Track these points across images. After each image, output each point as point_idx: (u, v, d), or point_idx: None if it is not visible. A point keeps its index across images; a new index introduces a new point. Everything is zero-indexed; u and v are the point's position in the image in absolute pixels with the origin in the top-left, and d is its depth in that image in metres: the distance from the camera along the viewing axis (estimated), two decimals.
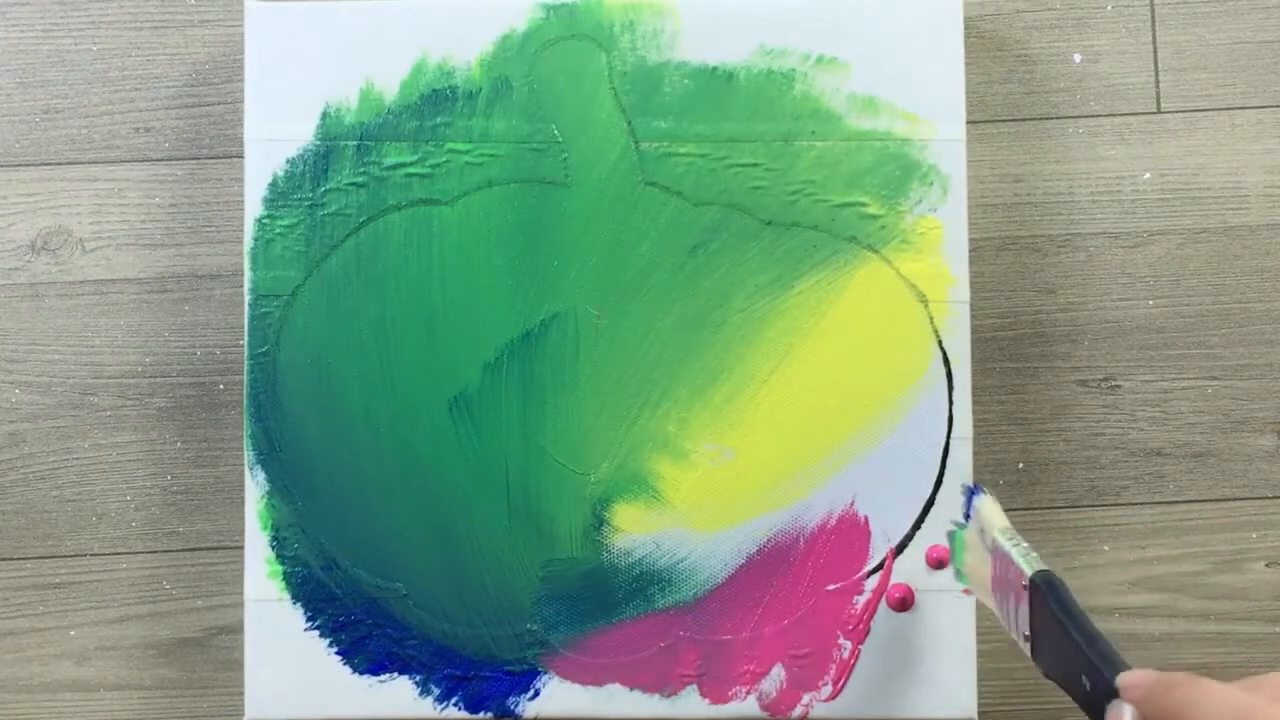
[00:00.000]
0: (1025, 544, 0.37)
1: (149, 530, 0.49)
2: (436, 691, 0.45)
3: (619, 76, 0.46)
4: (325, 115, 0.46)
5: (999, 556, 0.38)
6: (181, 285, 0.49)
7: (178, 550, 0.49)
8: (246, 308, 0.46)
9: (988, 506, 0.40)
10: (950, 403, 0.45)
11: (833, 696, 0.45)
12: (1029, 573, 0.36)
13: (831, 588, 0.45)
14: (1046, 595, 0.35)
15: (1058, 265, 0.49)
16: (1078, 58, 0.50)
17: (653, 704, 0.45)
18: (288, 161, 0.46)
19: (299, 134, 0.46)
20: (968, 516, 0.40)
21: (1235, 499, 0.49)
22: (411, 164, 0.46)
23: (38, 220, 0.50)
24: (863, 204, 0.46)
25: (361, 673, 0.45)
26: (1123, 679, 0.31)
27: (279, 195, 0.46)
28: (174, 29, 0.50)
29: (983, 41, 0.49)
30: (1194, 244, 0.49)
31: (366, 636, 0.45)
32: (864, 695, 0.45)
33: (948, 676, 0.45)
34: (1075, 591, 0.49)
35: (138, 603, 0.49)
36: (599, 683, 0.45)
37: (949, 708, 0.44)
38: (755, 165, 0.46)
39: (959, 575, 0.42)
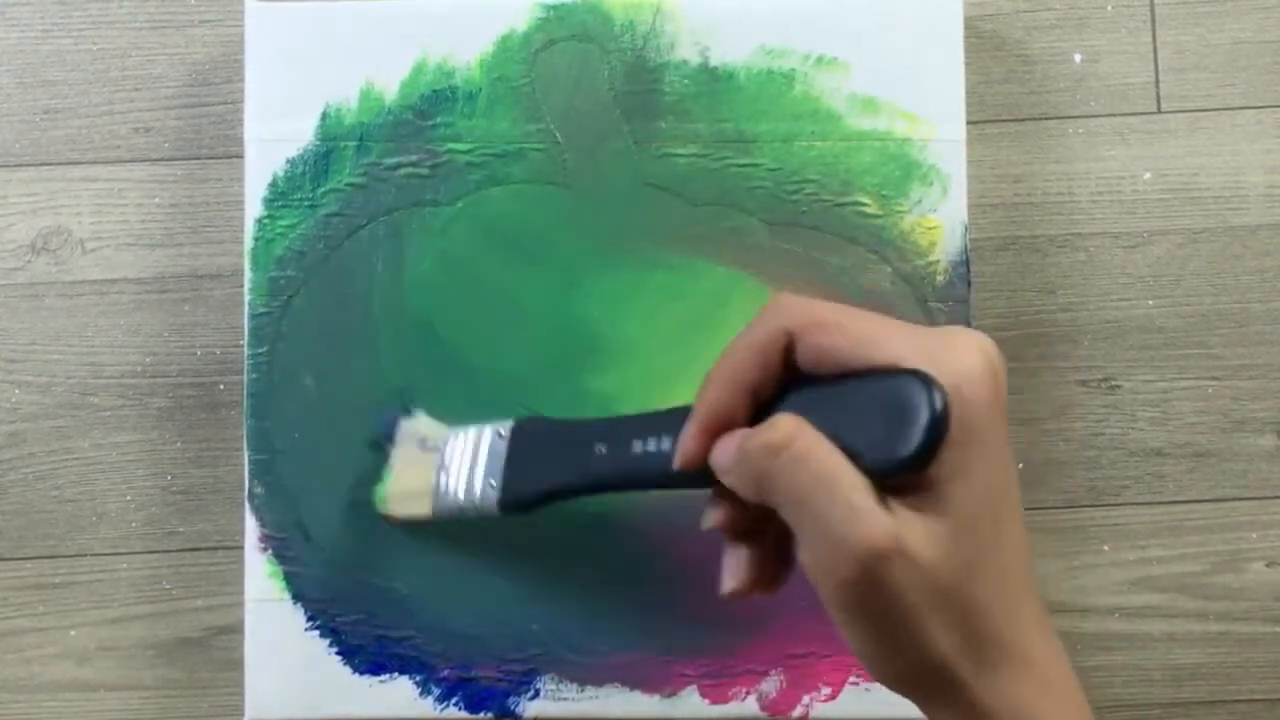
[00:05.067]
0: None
1: (149, 530, 0.49)
2: (436, 691, 0.45)
3: (619, 76, 0.46)
4: (325, 115, 0.46)
5: (454, 443, 0.42)
6: (181, 285, 0.49)
7: (178, 550, 0.49)
8: (246, 308, 0.46)
9: (420, 421, 0.44)
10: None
11: (833, 697, 0.45)
12: (510, 422, 0.41)
13: None
14: (531, 425, 0.41)
15: (1058, 265, 0.49)
16: (1078, 58, 0.50)
17: (653, 704, 0.45)
18: (288, 161, 0.46)
19: (299, 134, 0.46)
20: (390, 440, 0.44)
21: (1235, 499, 0.49)
22: (411, 164, 0.46)
23: (38, 220, 0.50)
24: (862, 204, 0.46)
25: (361, 673, 0.45)
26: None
27: (279, 195, 0.46)
28: (174, 29, 0.50)
29: (983, 41, 0.49)
30: (1194, 244, 0.49)
31: (366, 636, 0.45)
32: (864, 695, 0.45)
33: None
34: (1075, 591, 0.49)
35: (138, 603, 0.49)
36: (599, 683, 0.45)
37: None
38: (755, 165, 0.46)
39: (380, 504, 0.44)
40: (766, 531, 0.32)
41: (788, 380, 0.31)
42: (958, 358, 0.29)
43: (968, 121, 0.46)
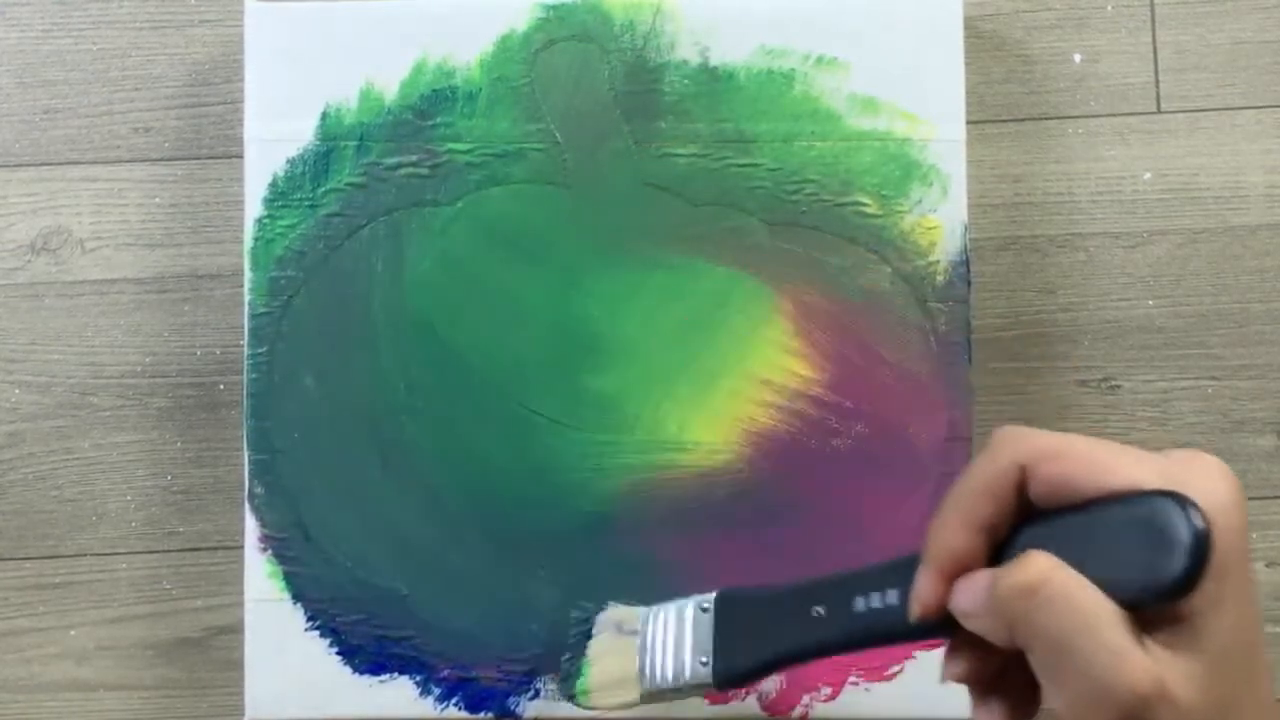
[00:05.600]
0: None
1: (149, 530, 0.49)
2: (436, 691, 0.45)
3: (619, 77, 0.46)
4: (325, 115, 0.46)
5: (655, 623, 0.39)
6: (181, 285, 0.49)
7: (178, 550, 0.49)
8: (246, 308, 0.46)
9: (616, 610, 0.41)
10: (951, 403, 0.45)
11: (833, 697, 0.45)
12: (712, 594, 0.38)
13: None
14: (735, 595, 0.38)
15: (1058, 265, 0.49)
16: (1078, 58, 0.50)
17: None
18: (288, 161, 0.46)
19: (299, 134, 0.46)
20: (589, 636, 0.41)
21: None
22: (411, 164, 0.46)
23: (38, 220, 0.50)
24: (862, 204, 0.46)
25: (361, 673, 0.45)
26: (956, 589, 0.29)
27: (279, 195, 0.46)
28: (174, 29, 0.50)
29: (983, 41, 0.49)
30: (1194, 244, 0.49)
31: (366, 636, 0.45)
32: (864, 695, 0.45)
33: None
34: None
35: (138, 603, 0.49)
36: None
37: (949, 707, 0.44)
38: (755, 165, 0.46)
39: (582, 696, 0.42)
40: (1009, 676, 0.30)
41: (1020, 518, 0.29)
42: (1206, 484, 0.27)
43: (968, 121, 0.46)
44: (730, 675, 0.37)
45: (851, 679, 0.45)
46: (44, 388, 0.49)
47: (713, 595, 0.39)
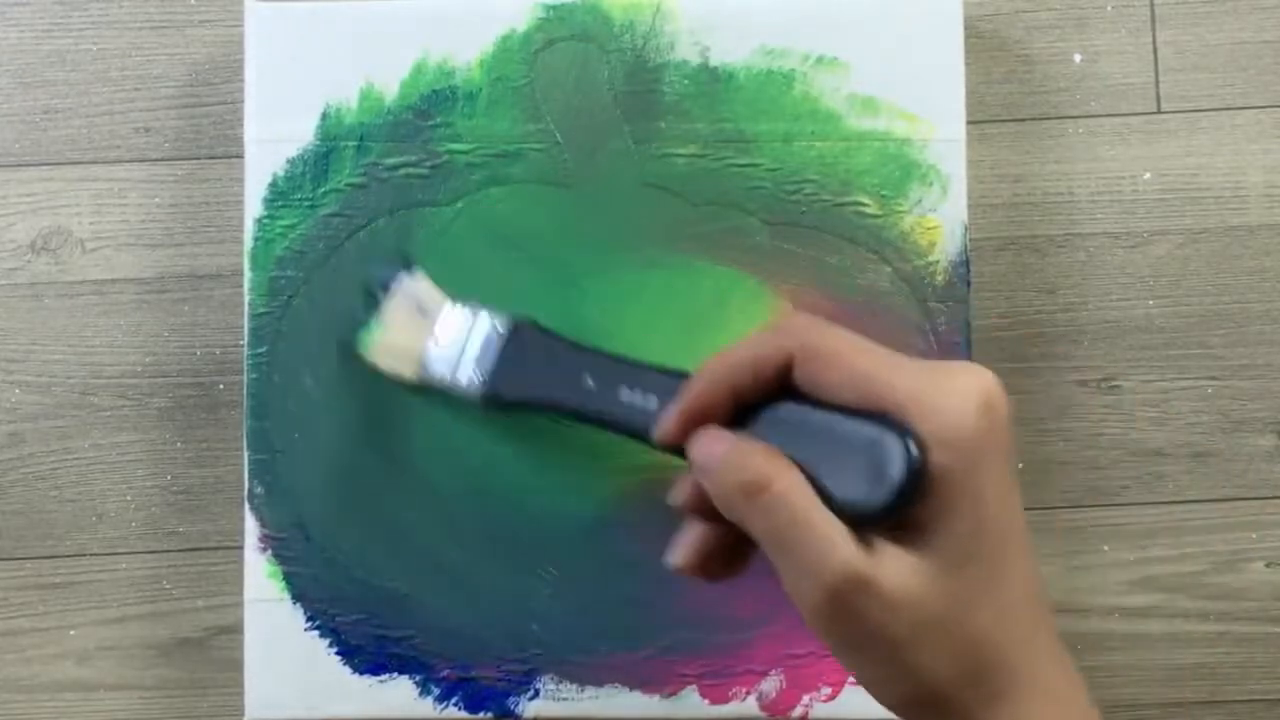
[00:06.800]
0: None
1: (149, 530, 0.49)
2: (436, 691, 0.45)
3: (619, 76, 0.46)
4: (325, 115, 0.46)
5: (451, 318, 0.43)
6: (181, 285, 0.49)
7: (178, 550, 0.49)
8: (246, 308, 0.46)
9: (420, 283, 0.44)
10: None
11: (833, 697, 0.45)
12: (508, 318, 0.42)
13: None
14: (529, 330, 0.42)
15: (1058, 265, 0.49)
16: (1078, 58, 0.50)
17: (653, 704, 0.45)
18: (288, 161, 0.46)
19: (299, 134, 0.46)
20: (385, 290, 0.44)
21: (1235, 499, 0.49)
22: (411, 164, 0.46)
23: (38, 220, 0.50)
24: (862, 204, 0.46)
25: (361, 673, 0.45)
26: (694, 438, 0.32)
27: (279, 195, 0.46)
28: (174, 29, 0.50)
29: (983, 41, 0.49)
30: (1194, 244, 0.49)
31: (366, 636, 0.45)
32: (864, 695, 0.45)
33: None
34: (1075, 591, 0.49)
35: (138, 603, 0.49)
36: (599, 683, 0.45)
37: None
38: (755, 165, 0.46)
39: (365, 348, 0.44)
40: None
41: (777, 393, 0.31)
42: (951, 401, 0.29)
43: (968, 121, 0.46)
44: (496, 400, 0.42)
45: (851, 679, 0.45)
46: (44, 388, 0.49)
47: (509, 320, 0.42)
